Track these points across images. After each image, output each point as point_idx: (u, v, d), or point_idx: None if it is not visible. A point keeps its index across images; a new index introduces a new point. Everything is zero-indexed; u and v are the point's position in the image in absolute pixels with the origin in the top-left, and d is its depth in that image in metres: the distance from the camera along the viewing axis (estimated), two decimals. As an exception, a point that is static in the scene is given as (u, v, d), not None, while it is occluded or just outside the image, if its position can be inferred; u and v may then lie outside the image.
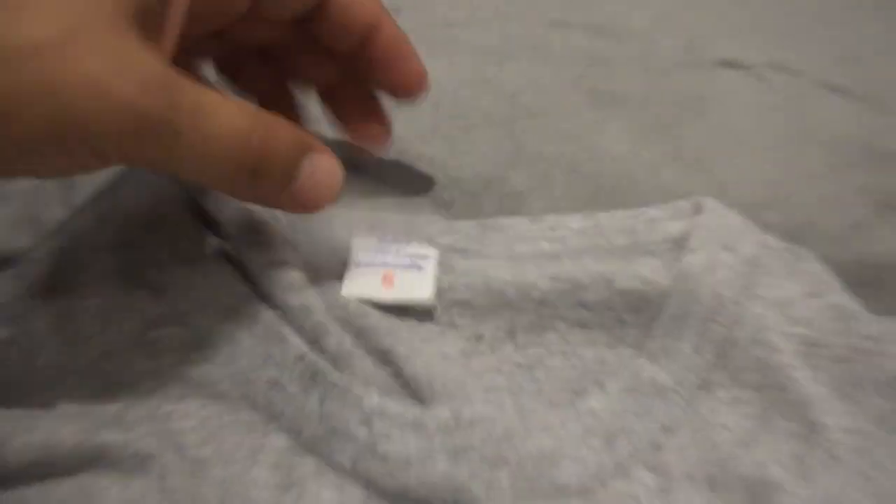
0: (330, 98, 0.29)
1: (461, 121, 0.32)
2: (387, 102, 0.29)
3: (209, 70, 0.29)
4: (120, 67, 0.19)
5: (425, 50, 0.27)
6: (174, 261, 0.26)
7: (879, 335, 0.25)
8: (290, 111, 0.30)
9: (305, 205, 0.23)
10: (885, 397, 0.24)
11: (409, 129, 0.31)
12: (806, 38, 0.37)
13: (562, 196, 0.29)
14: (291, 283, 0.25)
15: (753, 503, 0.22)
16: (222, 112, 0.21)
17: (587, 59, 0.35)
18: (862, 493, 0.22)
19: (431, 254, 0.27)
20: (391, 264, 0.26)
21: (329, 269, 0.26)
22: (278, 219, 0.27)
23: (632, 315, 0.25)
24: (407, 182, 0.30)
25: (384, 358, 0.24)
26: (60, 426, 0.23)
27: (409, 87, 0.27)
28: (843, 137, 0.32)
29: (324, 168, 0.23)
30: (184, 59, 0.23)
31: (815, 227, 0.29)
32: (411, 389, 0.23)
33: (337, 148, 0.24)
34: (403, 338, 0.24)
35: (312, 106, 0.30)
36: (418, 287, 0.26)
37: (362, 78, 0.28)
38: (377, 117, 0.29)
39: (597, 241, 0.26)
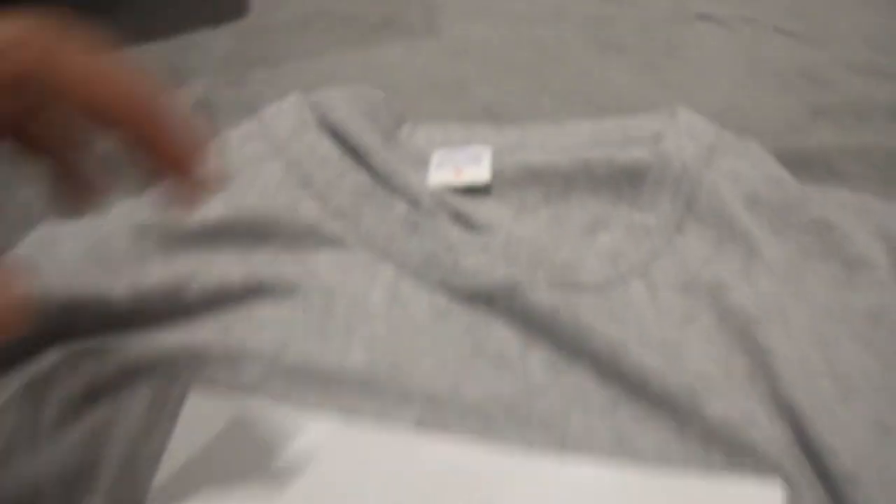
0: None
1: (504, 66, 0.44)
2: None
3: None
4: None
5: (472, 17, 0.39)
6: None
7: (803, 193, 0.36)
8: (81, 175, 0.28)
9: None
10: (807, 234, 0.35)
11: (467, 74, 0.43)
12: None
13: (578, 113, 0.40)
14: (402, 172, 0.36)
15: (713, 300, 0.33)
16: None
17: (596, 19, 0.46)
18: (789, 296, 0.33)
19: (487, 151, 0.38)
20: (460, 161, 0.38)
21: (421, 167, 0.38)
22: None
23: (627, 182, 0.36)
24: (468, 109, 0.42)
25: (458, 215, 0.35)
26: (230, 268, 0.35)
27: (176, 167, 0.25)
28: (789, 67, 0.42)
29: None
30: None
31: (763, 128, 0.40)
32: (477, 231, 0.35)
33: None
34: (471, 204, 0.36)
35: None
36: (478, 174, 0.37)
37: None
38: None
39: (602, 136, 0.38)
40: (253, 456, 0.32)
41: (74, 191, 0.28)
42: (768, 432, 0.29)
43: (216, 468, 0.32)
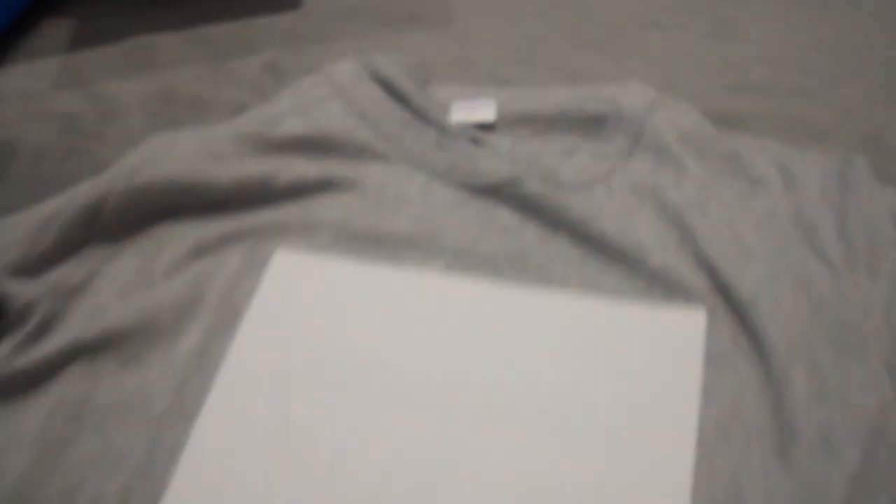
0: None
1: (503, 48, 0.58)
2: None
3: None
4: None
5: (479, 12, 0.53)
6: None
7: (718, 134, 0.50)
8: None
9: None
10: (721, 160, 0.49)
11: (475, 53, 0.57)
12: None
13: (559, 81, 0.55)
14: (433, 110, 0.50)
15: (653, 198, 0.46)
16: None
17: (574, 20, 0.61)
18: (708, 197, 0.47)
19: (492, 101, 0.52)
20: (472, 106, 0.52)
21: (443, 111, 0.52)
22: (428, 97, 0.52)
23: (593, 125, 0.50)
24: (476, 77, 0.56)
25: (473, 139, 0.49)
26: (307, 168, 0.48)
27: None
28: (714, 59, 0.57)
29: None
30: None
31: (691, 98, 0.54)
32: (486, 149, 0.48)
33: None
34: (481, 133, 0.50)
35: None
36: (486, 115, 0.51)
37: None
38: None
39: (577, 95, 0.52)
40: (323, 294, 0.44)
41: None
42: (692, 276, 0.43)
43: (295, 304, 0.44)
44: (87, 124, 0.58)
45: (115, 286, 0.45)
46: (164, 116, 0.57)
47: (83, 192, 0.47)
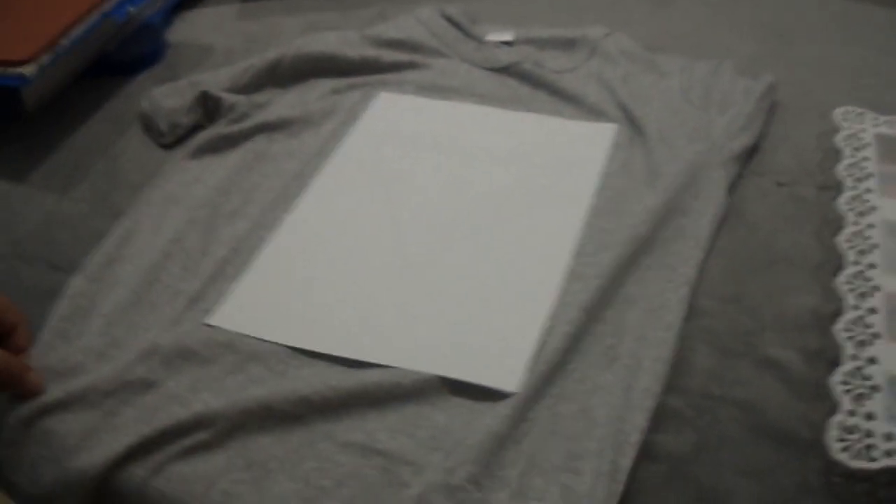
0: None
1: (517, 11, 0.92)
2: None
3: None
4: None
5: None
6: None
7: (646, 51, 0.83)
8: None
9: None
10: (643, 62, 0.81)
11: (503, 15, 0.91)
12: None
13: (556, 24, 0.89)
14: (475, 32, 0.84)
15: (602, 81, 0.79)
16: None
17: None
18: (637, 79, 0.79)
19: (510, 31, 0.86)
20: (498, 32, 0.86)
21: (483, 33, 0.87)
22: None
23: (569, 45, 0.84)
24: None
25: (497, 47, 0.83)
26: (398, 56, 0.82)
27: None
28: (655, 20, 0.91)
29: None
30: None
31: (637, 37, 0.87)
32: (504, 50, 0.83)
33: None
34: (503, 46, 0.84)
35: None
36: (507, 36, 0.85)
37: None
38: None
39: (561, 30, 0.86)
40: (404, 117, 0.78)
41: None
42: (612, 110, 0.76)
43: (390, 122, 0.78)
44: (260, 37, 0.93)
45: (285, 104, 0.80)
46: (310, 36, 0.92)
47: (269, 55, 0.82)
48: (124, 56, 0.90)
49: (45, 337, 0.59)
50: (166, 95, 0.80)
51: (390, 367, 0.56)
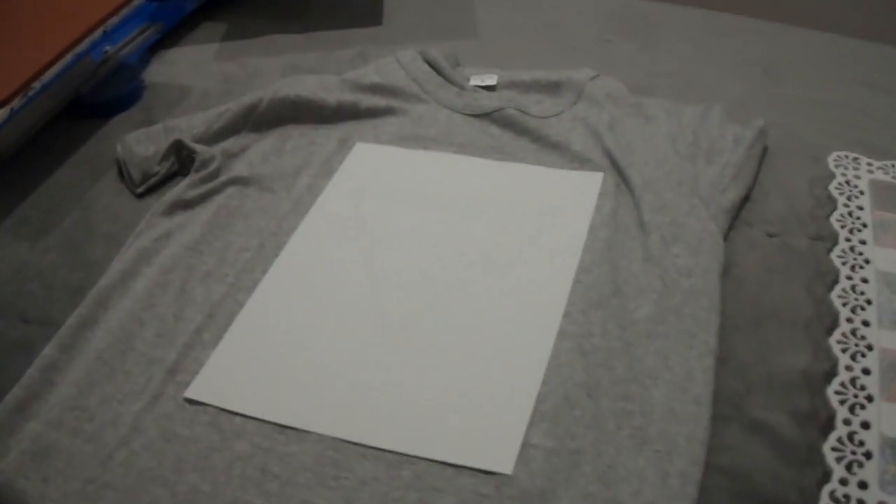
0: None
1: (506, 50, 0.91)
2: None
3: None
4: None
5: (499, 31, 0.85)
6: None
7: (632, 95, 0.81)
8: None
9: None
10: (629, 106, 0.79)
11: (493, 54, 0.89)
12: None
13: (540, 66, 0.87)
14: (457, 77, 0.83)
15: (588, 126, 0.77)
16: None
17: (553, 34, 0.94)
18: (617, 125, 0.77)
19: (494, 74, 0.84)
20: (482, 77, 0.84)
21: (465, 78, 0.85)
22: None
23: (554, 89, 0.82)
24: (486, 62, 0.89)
25: (479, 90, 0.81)
26: (378, 101, 0.80)
27: None
28: (640, 62, 0.89)
29: None
30: None
31: (623, 79, 0.85)
32: (486, 95, 0.81)
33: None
34: (484, 91, 0.82)
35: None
36: (490, 80, 0.83)
37: None
38: None
39: (545, 72, 0.84)
40: (382, 167, 0.76)
41: None
42: (598, 158, 0.73)
43: (365, 172, 0.76)
44: (238, 79, 0.91)
45: (259, 154, 0.77)
46: (289, 78, 0.91)
47: (245, 99, 0.80)
48: (101, 97, 0.88)
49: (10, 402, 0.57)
50: (139, 142, 0.78)
51: (383, 450, 0.54)
